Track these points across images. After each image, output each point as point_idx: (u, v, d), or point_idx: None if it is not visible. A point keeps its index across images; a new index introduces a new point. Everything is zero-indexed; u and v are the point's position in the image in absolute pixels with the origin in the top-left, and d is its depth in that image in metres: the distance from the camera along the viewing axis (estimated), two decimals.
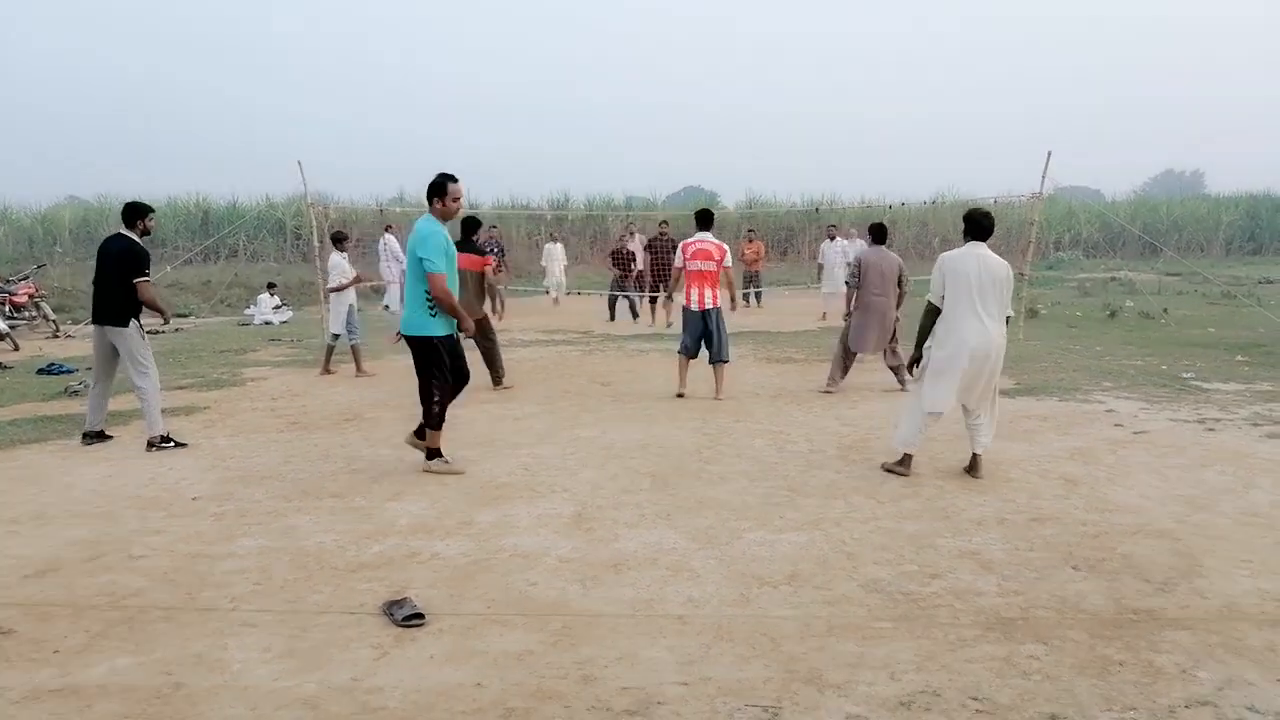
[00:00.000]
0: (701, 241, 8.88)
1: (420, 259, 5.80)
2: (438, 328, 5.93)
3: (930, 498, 5.44)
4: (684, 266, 8.90)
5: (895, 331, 9.44)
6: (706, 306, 8.86)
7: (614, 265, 18.38)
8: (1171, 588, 4.07)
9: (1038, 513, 5.14)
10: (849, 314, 9.44)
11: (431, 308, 5.88)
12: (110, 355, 7.16)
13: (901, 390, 9.00)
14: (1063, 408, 8.19)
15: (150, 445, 6.93)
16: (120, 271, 6.97)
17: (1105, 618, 3.76)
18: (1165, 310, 16.63)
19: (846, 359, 9.44)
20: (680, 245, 9.13)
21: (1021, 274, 15.01)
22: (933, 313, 5.88)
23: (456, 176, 5.95)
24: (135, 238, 7.12)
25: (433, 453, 6.16)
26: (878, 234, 9.57)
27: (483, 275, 9.42)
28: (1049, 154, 13.27)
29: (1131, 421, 7.52)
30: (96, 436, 7.14)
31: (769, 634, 3.63)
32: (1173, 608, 3.86)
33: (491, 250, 19.31)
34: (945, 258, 5.90)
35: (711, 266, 8.83)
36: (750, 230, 22.85)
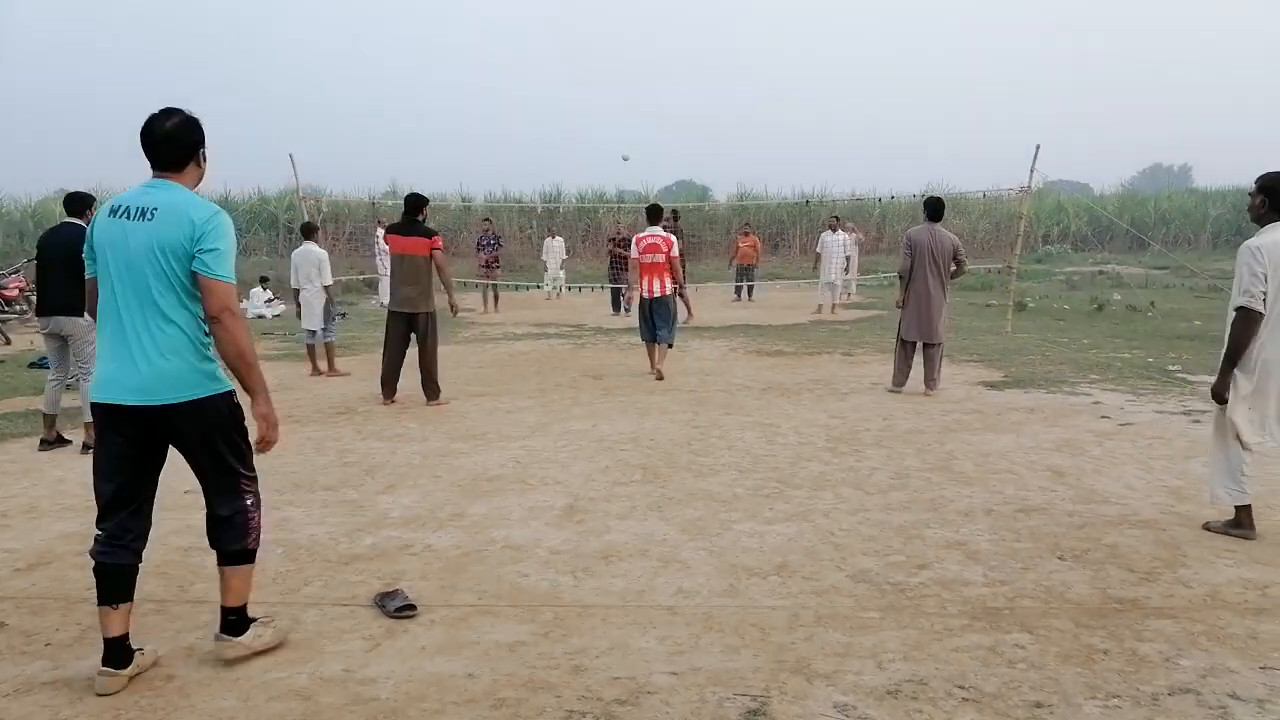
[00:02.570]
0: (651, 236, 9.72)
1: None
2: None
3: (918, 489, 5.48)
4: (639, 259, 9.71)
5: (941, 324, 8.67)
6: (655, 295, 9.68)
7: (613, 254, 18.25)
8: (1156, 577, 4.12)
9: (1024, 504, 5.19)
10: (902, 305, 8.78)
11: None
12: (63, 346, 6.84)
13: (929, 393, 8.60)
14: (1050, 400, 8.24)
15: (86, 447, 6.53)
16: (76, 259, 6.66)
17: (1090, 607, 3.80)
18: (1152, 303, 16.73)
19: (905, 352, 8.76)
20: (634, 239, 9.90)
21: (1009, 267, 15.11)
22: (1255, 321, 4.49)
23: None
24: (85, 226, 6.82)
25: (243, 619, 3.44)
26: (934, 210, 8.93)
27: (430, 259, 8.28)
28: (1037, 147, 13.33)
29: (1118, 414, 7.58)
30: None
31: (758, 624, 3.66)
32: (1157, 597, 3.90)
33: (488, 244, 19.27)
34: (1260, 247, 4.49)
35: (660, 259, 9.65)
36: (746, 225, 22.89)
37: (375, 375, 8.72)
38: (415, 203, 8.50)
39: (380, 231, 20.21)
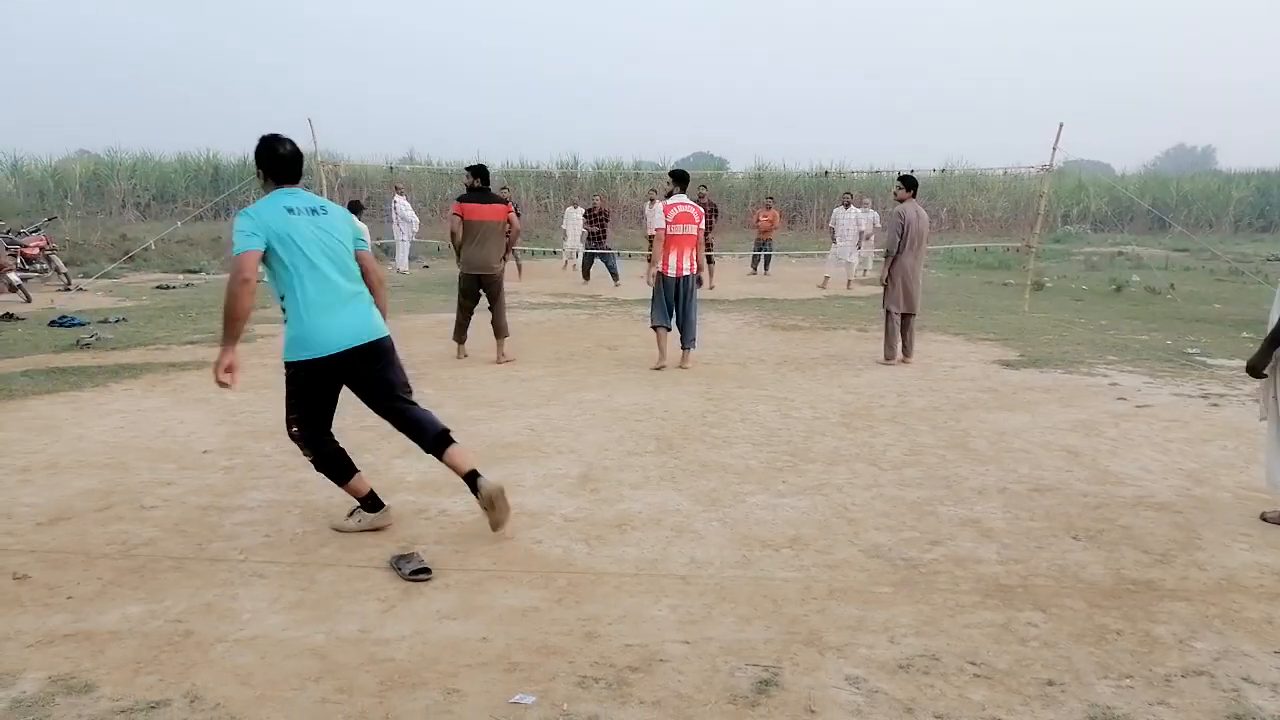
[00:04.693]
0: (684, 204, 8.50)
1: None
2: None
3: (932, 466, 5.48)
4: (666, 230, 8.45)
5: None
6: (685, 273, 8.53)
7: (589, 224, 18.34)
8: (1170, 560, 4.11)
9: (1039, 483, 5.18)
10: (889, 280, 8.91)
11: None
12: None
13: (908, 361, 8.96)
14: (1067, 380, 8.20)
15: None
16: None
17: (1104, 587, 3.80)
18: (1172, 286, 16.57)
19: (895, 324, 8.95)
20: (662, 207, 8.58)
21: (1029, 246, 14.98)
22: None
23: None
24: None
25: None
26: (915, 185, 9.01)
27: (505, 225, 9.00)
28: (1060, 126, 13.15)
29: (1135, 395, 7.53)
30: None
31: (770, 596, 3.68)
32: (1171, 579, 3.90)
33: None
34: None
35: (693, 231, 8.50)
36: (769, 198, 22.78)
37: (395, 340, 8.82)
38: (486, 173, 9.15)
39: (398, 198, 20.18)
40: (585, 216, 18.60)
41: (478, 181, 8.99)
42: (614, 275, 17.45)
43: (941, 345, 10.13)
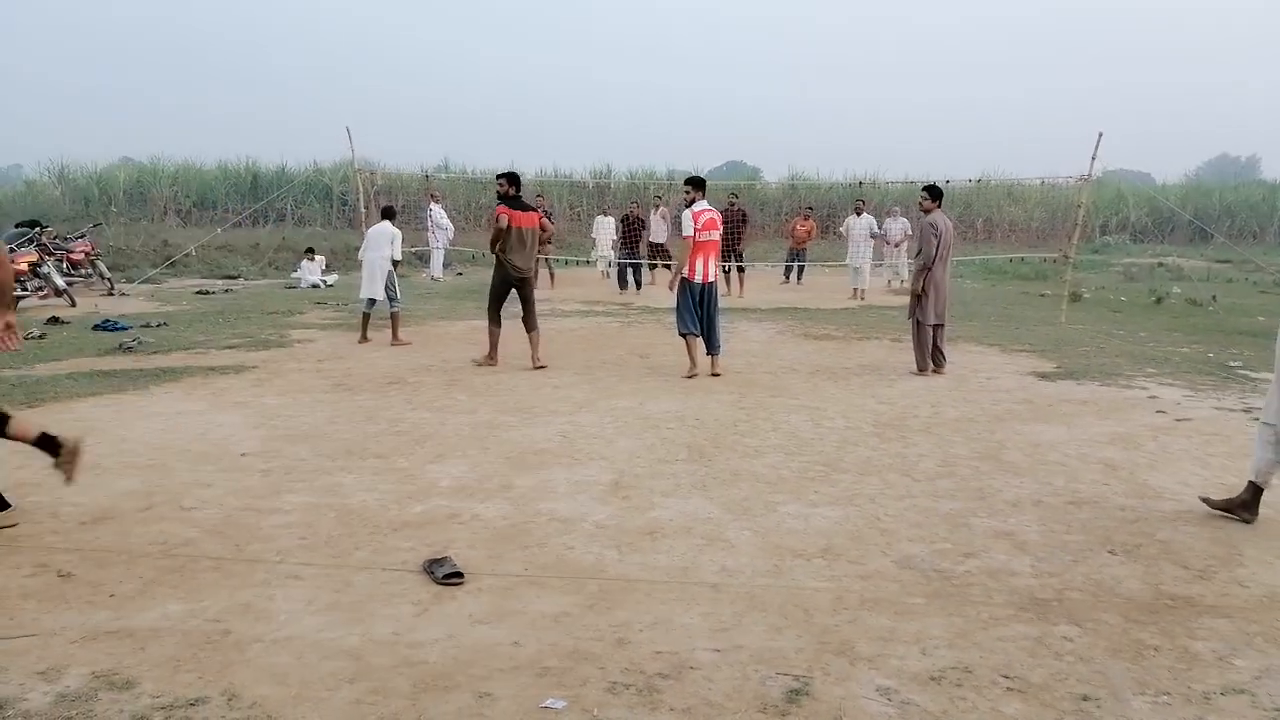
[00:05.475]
0: (709, 210, 8.62)
1: None
2: None
3: (966, 477, 5.43)
4: (695, 237, 8.43)
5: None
6: (711, 279, 8.60)
7: (622, 233, 18.34)
8: (1210, 575, 4.04)
9: (1075, 496, 5.12)
10: (923, 291, 8.86)
11: None
12: None
13: (941, 372, 8.92)
14: (1104, 392, 8.09)
15: None
16: None
17: (1141, 602, 3.75)
18: (1214, 298, 16.30)
19: (929, 335, 8.94)
20: (691, 214, 8.49)
21: (1066, 257, 14.80)
22: None
23: None
24: None
25: None
26: (940, 195, 9.09)
27: (539, 231, 9.41)
28: (1100, 135, 13.00)
29: (1175, 408, 7.41)
30: None
31: (802, 605, 3.67)
32: (1211, 595, 3.83)
33: None
34: None
35: (717, 236, 8.66)
36: (808, 208, 22.75)
37: (430, 347, 9.50)
38: (520, 181, 9.37)
39: (434, 205, 20.38)
40: (622, 223, 18.61)
41: (513, 189, 9.22)
42: (637, 284, 17.55)
43: (976, 356, 10.04)
